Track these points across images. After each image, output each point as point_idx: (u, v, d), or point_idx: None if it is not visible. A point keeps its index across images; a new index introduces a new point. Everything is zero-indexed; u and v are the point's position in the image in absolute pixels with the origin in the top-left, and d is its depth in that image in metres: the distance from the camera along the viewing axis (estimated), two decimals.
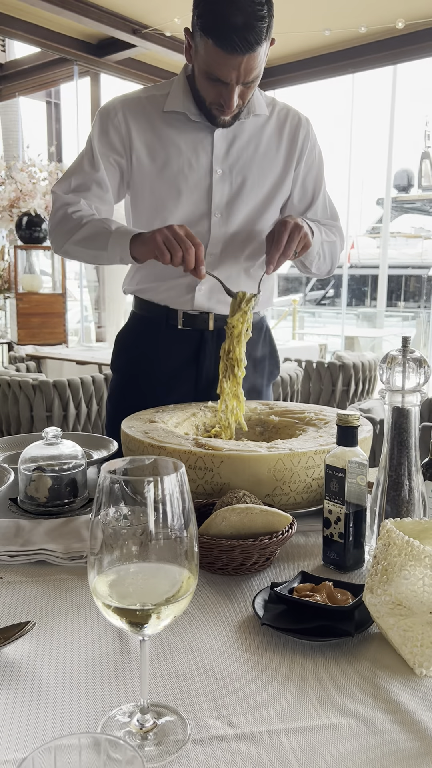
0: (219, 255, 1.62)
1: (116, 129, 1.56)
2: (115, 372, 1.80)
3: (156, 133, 1.56)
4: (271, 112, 1.63)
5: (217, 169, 1.58)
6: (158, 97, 1.58)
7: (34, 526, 1.10)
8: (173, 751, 0.62)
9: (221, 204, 1.60)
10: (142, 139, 1.56)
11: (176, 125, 1.56)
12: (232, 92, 1.42)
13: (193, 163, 1.57)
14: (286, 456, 1.13)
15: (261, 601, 0.86)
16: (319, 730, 0.65)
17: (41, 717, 0.66)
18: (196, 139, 1.57)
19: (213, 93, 1.44)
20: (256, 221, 1.64)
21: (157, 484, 0.60)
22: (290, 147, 1.64)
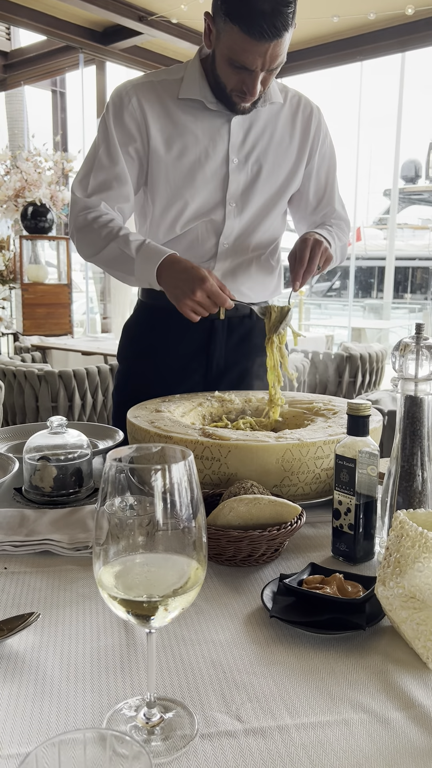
0: (232, 244, 1.60)
1: (131, 115, 1.51)
2: (121, 362, 1.78)
3: (171, 120, 1.52)
4: (284, 99, 1.60)
5: (233, 158, 1.55)
6: (171, 83, 1.53)
7: (38, 516, 1.08)
8: (181, 747, 0.60)
9: (236, 193, 1.57)
10: (158, 126, 1.52)
11: (192, 113, 1.52)
12: (256, 79, 1.39)
13: (210, 152, 1.53)
14: (294, 446, 1.11)
15: (270, 593, 0.85)
16: (330, 726, 0.63)
17: (45, 710, 0.65)
18: (213, 127, 1.53)
19: (235, 80, 1.41)
20: (269, 211, 1.62)
21: (164, 472, 0.58)
22: (303, 137, 1.62)
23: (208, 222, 1.57)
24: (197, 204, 1.56)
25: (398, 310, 11.65)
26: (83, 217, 1.51)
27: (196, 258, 1.59)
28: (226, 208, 1.57)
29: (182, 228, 1.58)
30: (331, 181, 1.68)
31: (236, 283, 1.64)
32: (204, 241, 1.59)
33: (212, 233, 1.59)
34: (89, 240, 1.52)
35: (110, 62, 7.27)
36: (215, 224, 1.58)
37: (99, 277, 8.90)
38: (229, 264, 1.62)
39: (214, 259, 1.60)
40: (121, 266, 1.49)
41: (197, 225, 1.58)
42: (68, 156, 6.44)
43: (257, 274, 1.67)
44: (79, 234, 1.53)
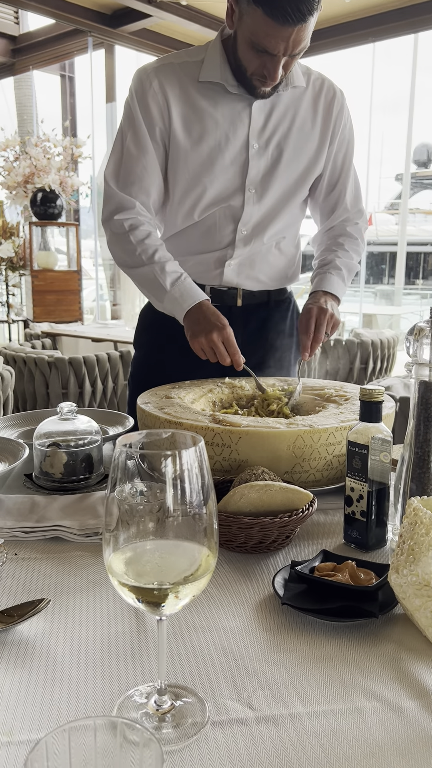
0: (251, 230, 1.58)
1: (154, 99, 1.48)
2: (137, 349, 1.77)
3: (191, 104, 1.49)
4: (307, 83, 1.56)
5: (253, 143, 1.52)
6: (192, 65, 1.50)
7: (49, 503, 1.08)
8: (192, 734, 0.59)
9: (256, 179, 1.54)
10: (179, 110, 1.49)
11: (212, 96, 1.49)
12: (278, 64, 1.36)
13: (230, 136, 1.51)
14: (306, 432, 1.10)
15: (281, 580, 0.84)
16: (343, 714, 0.63)
17: (56, 697, 0.64)
18: (233, 111, 1.50)
19: (256, 63, 1.38)
20: (289, 197, 1.59)
21: (174, 458, 0.57)
22: (325, 121, 1.58)
23: (227, 208, 1.55)
24: (216, 190, 1.53)
25: (410, 296, 11.55)
26: (120, 223, 1.51)
27: (214, 245, 1.58)
28: (245, 194, 1.54)
29: (200, 214, 1.56)
30: (347, 167, 1.65)
31: (254, 270, 1.62)
32: (222, 227, 1.57)
33: (230, 220, 1.56)
34: (125, 250, 1.52)
35: (119, 46, 7.20)
36: (234, 210, 1.55)
37: (109, 264, 8.88)
38: (247, 251, 1.59)
39: (231, 246, 1.58)
40: (151, 290, 1.50)
41: (215, 211, 1.55)
42: (77, 141, 6.41)
43: (276, 261, 1.64)
44: (115, 239, 1.53)
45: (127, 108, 1.52)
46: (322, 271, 1.61)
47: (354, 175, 1.68)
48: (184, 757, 0.57)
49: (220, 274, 1.58)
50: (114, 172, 1.53)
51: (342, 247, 1.64)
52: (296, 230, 1.68)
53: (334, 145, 1.61)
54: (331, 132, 1.59)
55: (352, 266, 1.64)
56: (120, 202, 1.52)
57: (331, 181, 1.65)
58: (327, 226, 1.69)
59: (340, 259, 1.62)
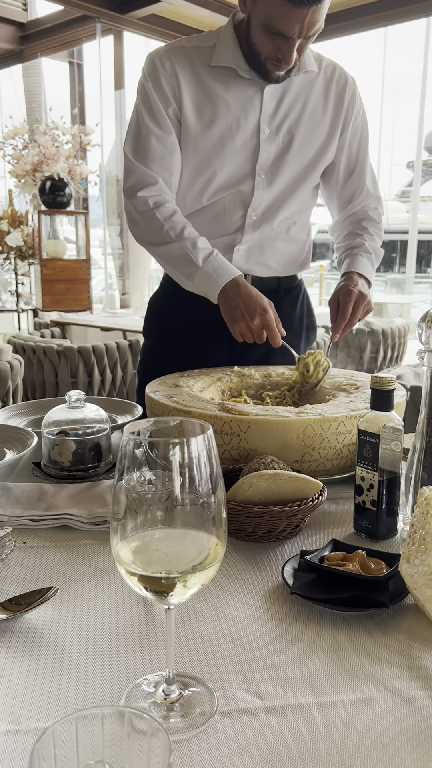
0: (260, 216, 1.56)
1: (167, 80, 1.47)
2: (147, 337, 1.76)
3: (203, 88, 1.48)
4: (318, 69, 1.54)
5: (264, 128, 1.50)
6: (204, 49, 1.49)
7: (57, 491, 1.08)
8: (200, 724, 0.59)
9: (266, 165, 1.53)
10: (190, 93, 1.48)
11: (224, 80, 1.48)
12: (293, 47, 1.34)
13: (242, 121, 1.49)
14: (315, 421, 1.09)
15: (290, 570, 0.83)
16: (353, 705, 0.62)
17: (64, 685, 0.64)
18: (245, 96, 1.49)
19: (271, 47, 1.36)
20: (299, 184, 1.57)
21: (183, 446, 0.56)
22: (337, 108, 1.56)
23: (236, 193, 1.54)
24: (226, 174, 1.52)
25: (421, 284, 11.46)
26: (143, 200, 1.48)
27: (223, 229, 1.56)
28: (255, 179, 1.53)
29: (209, 199, 1.54)
30: (363, 155, 1.63)
31: (263, 256, 1.60)
32: (231, 212, 1.55)
33: (240, 205, 1.55)
34: (150, 228, 1.49)
35: (128, 32, 7.15)
36: (243, 196, 1.54)
37: (118, 254, 8.87)
38: (256, 237, 1.58)
39: (240, 232, 1.56)
40: (181, 268, 1.47)
41: (225, 196, 1.54)
42: (86, 129, 6.38)
43: (286, 247, 1.63)
44: (140, 217, 1.50)
45: (141, 89, 1.50)
46: (352, 253, 1.58)
47: (369, 162, 1.66)
48: (192, 746, 0.57)
49: (229, 259, 1.56)
50: (133, 147, 1.51)
51: (367, 231, 1.62)
52: (307, 217, 1.66)
53: (347, 133, 1.58)
54: (343, 119, 1.57)
55: (378, 251, 1.62)
56: (142, 176, 1.49)
57: (348, 168, 1.62)
58: (347, 212, 1.67)
59: (368, 243, 1.60)
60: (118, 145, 8.02)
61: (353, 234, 1.63)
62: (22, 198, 6.65)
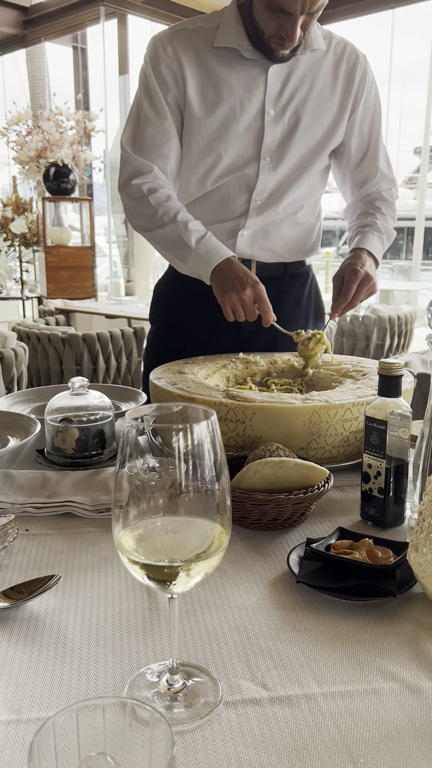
0: (266, 200, 1.53)
1: (168, 66, 1.45)
2: (153, 323, 1.74)
3: (206, 69, 1.45)
4: (328, 47, 1.50)
5: (269, 110, 1.47)
6: (207, 30, 1.46)
7: (60, 478, 1.07)
8: (204, 714, 0.58)
9: (271, 147, 1.50)
10: (193, 76, 1.45)
11: (228, 62, 1.45)
12: (296, 23, 1.31)
13: (246, 103, 1.46)
14: (321, 408, 1.07)
15: (296, 558, 0.82)
16: (359, 695, 0.61)
17: (66, 674, 0.63)
18: (249, 77, 1.45)
19: (273, 24, 1.33)
20: (306, 166, 1.54)
21: (186, 432, 0.55)
22: (346, 87, 1.52)
23: (241, 177, 1.51)
24: (230, 158, 1.49)
25: (428, 271, 11.36)
26: (137, 187, 1.47)
27: (227, 214, 1.54)
28: (260, 162, 1.50)
29: (213, 183, 1.52)
30: (375, 136, 1.59)
31: (268, 241, 1.58)
32: (235, 197, 1.53)
33: (244, 189, 1.52)
34: (144, 214, 1.48)
35: (132, 15, 7.07)
36: (248, 179, 1.51)
37: (122, 241, 8.83)
38: (260, 221, 1.55)
39: (244, 216, 1.54)
40: (174, 251, 1.46)
41: (229, 180, 1.51)
42: (90, 115, 6.32)
43: (291, 232, 1.60)
44: (134, 204, 1.49)
45: (142, 75, 1.48)
46: (363, 231, 1.55)
47: (383, 144, 1.63)
48: (196, 737, 0.56)
49: (233, 244, 1.54)
50: (131, 137, 1.50)
51: (380, 211, 1.59)
52: (315, 201, 1.63)
53: (358, 113, 1.55)
54: (353, 98, 1.53)
55: (390, 232, 1.59)
56: (136, 166, 1.48)
57: (361, 150, 1.59)
58: (361, 194, 1.64)
59: (380, 222, 1.57)
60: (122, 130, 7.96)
61: (366, 213, 1.60)
62: (26, 185, 6.61)
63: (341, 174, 1.65)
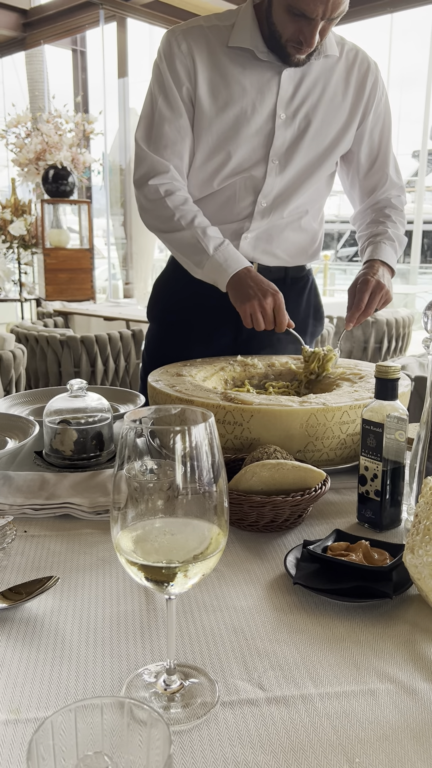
0: (271, 203, 1.54)
1: (182, 62, 1.45)
2: (152, 321, 1.74)
3: (219, 69, 1.45)
4: (340, 53, 1.51)
5: (281, 113, 1.48)
6: (222, 29, 1.46)
7: (59, 480, 1.07)
8: (201, 714, 0.58)
9: (280, 150, 1.50)
10: (205, 74, 1.45)
11: (241, 62, 1.45)
12: (315, 29, 1.31)
13: (257, 105, 1.46)
14: (319, 410, 1.08)
15: (293, 560, 0.82)
16: (355, 696, 0.61)
17: (64, 675, 0.63)
18: (262, 79, 1.46)
19: (292, 29, 1.33)
20: (313, 171, 1.54)
21: (184, 434, 0.55)
22: (357, 94, 1.53)
23: (248, 178, 1.51)
24: (238, 159, 1.49)
25: (425, 275, 11.40)
26: (155, 188, 1.47)
27: (232, 216, 1.54)
28: (268, 165, 1.50)
29: (220, 183, 1.52)
30: (386, 143, 1.60)
31: (271, 245, 1.58)
32: (241, 198, 1.53)
33: (250, 191, 1.52)
34: (160, 216, 1.48)
35: (131, 18, 7.08)
36: (255, 181, 1.51)
37: (121, 243, 8.84)
38: (265, 225, 1.55)
39: (249, 219, 1.54)
40: (192, 256, 1.46)
41: (236, 181, 1.51)
42: (89, 117, 6.33)
43: (295, 237, 1.60)
44: (150, 204, 1.49)
45: (156, 70, 1.48)
46: (375, 240, 1.56)
47: (393, 151, 1.63)
48: (193, 737, 0.56)
49: (236, 246, 1.54)
50: (146, 134, 1.50)
51: (390, 219, 1.60)
52: (320, 206, 1.64)
53: (369, 120, 1.55)
54: (364, 106, 1.53)
55: (401, 238, 1.60)
56: (153, 165, 1.48)
57: (371, 158, 1.59)
58: (370, 202, 1.64)
59: (391, 230, 1.57)
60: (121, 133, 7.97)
61: (376, 222, 1.60)
62: (25, 187, 6.62)
63: (350, 181, 1.65)
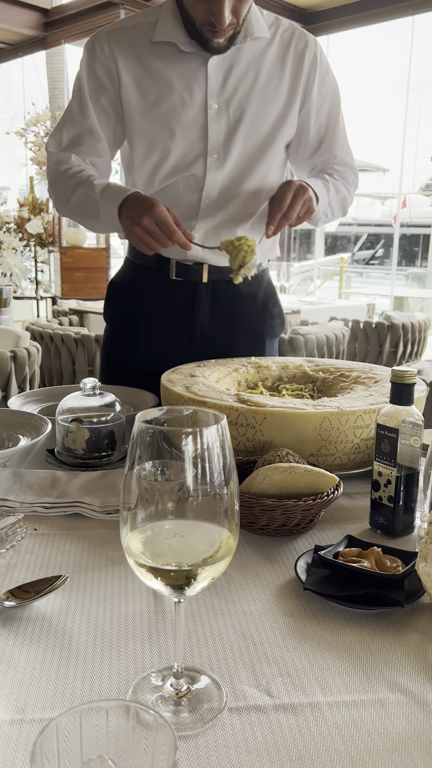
0: (215, 200, 1.48)
1: (103, 65, 1.42)
2: (107, 321, 1.71)
3: (145, 67, 1.42)
4: (274, 35, 1.44)
5: (212, 104, 1.42)
6: (146, 26, 1.42)
7: (70, 478, 1.07)
8: (208, 720, 0.58)
9: (218, 143, 1.44)
10: (131, 74, 1.42)
11: (166, 57, 1.41)
12: (222, 6, 1.26)
13: (186, 99, 1.42)
14: (333, 414, 1.07)
15: (304, 565, 0.81)
16: (365, 705, 0.60)
17: (71, 676, 0.63)
18: (188, 72, 1.41)
19: (202, 10, 1.29)
20: (256, 162, 1.48)
21: (196, 436, 0.54)
22: (295, 75, 1.45)
23: (189, 177, 1.45)
24: (176, 156, 1.44)
25: None
26: (55, 170, 1.47)
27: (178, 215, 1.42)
28: (207, 160, 1.45)
29: (161, 183, 1.47)
30: (334, 123, 1.52)
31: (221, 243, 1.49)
32: (185, 197, 1.47)
33: (194, 189, 1.47)
34: (60, 191, 1.47)
35: None
36: (196, 179, 1.46)
37: None
38: (213, 223, 1.49)
39: (195, 218, 1.48)
40: (88, 212, 1.43)
41: (178, 180, 1.46)
42: None
43: (248, 232, 1.52)
44: (52, 187, 1.49)
45: (77, 77, 1.47)
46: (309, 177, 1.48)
47: (343, 131, 1.55)
48: (200, 742, 0.56)
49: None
50: (55, 136, 1.50)
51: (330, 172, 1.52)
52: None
53: (311, 99, 1.47)
54: (304, 86, 1.46)
55: (341, 189, 1.51)
56: (57, 159, 1.48)
57: (317, 137, 1.52)
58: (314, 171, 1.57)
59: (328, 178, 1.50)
60: None
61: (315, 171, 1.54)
62: (43, 185, 6.65)
63: (298, 162, 1.58)
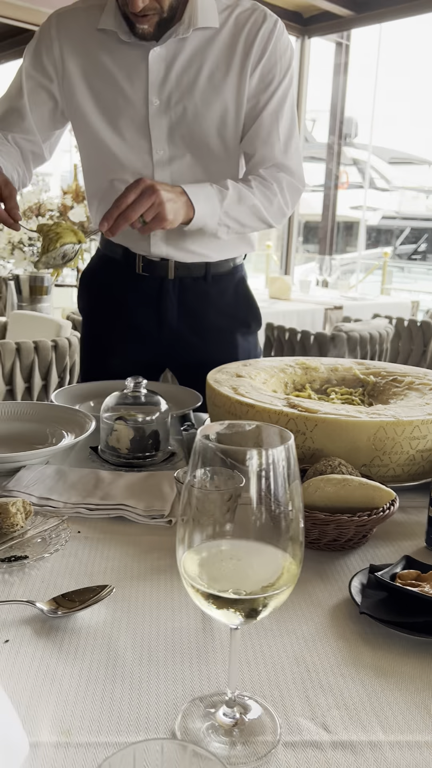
0: None
1: (48, 49, 1.36)
2: (81, 313, 1.67)
3: (89, 56, 1.35)
4: (226, 20, 1.32)
5: (153, 99, 1.34)
6: (96, 9, 1.34)
7: (114, 479, 1.04)
8: (261, 754, 0.54)
9: (161, 141, 1.37)
10: (76, 63, 1.35)
11: (109, 46, 1.34)
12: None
13: (128, 92, 1.34)
14: (389, 424, 1.02)
15: (358, 585, 0.77)
16: (429, 748, 0.56)
17: (117, 695, 0.60)
18: (129, 63, 1.33)
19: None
20: (206, 159, 1.39)
21: (261, 455, 0.51)
22: (242, 63, 1.32)
23: (137, 173, 1.36)
24: (123, 152, 1.38)
25: None
26: None
27: None
28: (154, 156, 1.38)
29: (107, 176, 1.41)
30: (270, 116, 1.35)
31: (184, 240, 1.43)
32: None
33: None
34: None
35: None
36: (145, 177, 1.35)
37: None
38: None
39: None
40: None
41: (126, 177, 1.36)
42: None
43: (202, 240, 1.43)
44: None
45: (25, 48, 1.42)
46: None
47: (286, 129, 1.38)
48: None
49: (147, 244, 1.43)
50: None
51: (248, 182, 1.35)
52: None
53: (254, 80, 1.33)
54: (251, 68, 1.32)
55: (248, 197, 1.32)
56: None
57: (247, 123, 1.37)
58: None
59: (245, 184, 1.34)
60: None
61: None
62: None
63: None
